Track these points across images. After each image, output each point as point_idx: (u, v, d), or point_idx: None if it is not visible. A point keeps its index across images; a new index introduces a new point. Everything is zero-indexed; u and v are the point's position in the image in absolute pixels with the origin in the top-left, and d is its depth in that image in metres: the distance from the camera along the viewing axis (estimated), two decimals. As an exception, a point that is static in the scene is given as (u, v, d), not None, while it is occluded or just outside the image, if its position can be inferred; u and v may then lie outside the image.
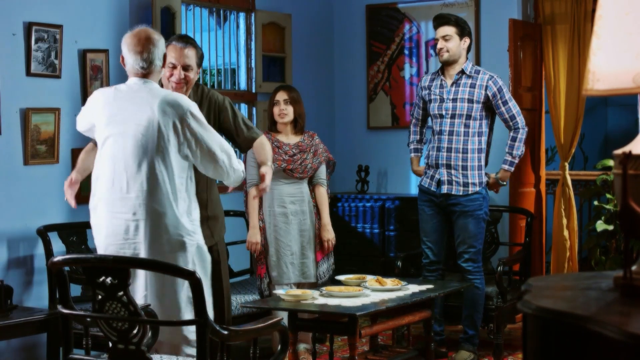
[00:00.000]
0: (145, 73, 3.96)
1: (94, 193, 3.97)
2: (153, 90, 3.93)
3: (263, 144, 4.53)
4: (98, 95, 4.02)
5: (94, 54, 5.47)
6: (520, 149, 5.63)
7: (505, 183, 5.76)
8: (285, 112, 5.45)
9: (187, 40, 4.45)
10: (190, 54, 4.38)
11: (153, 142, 3.85)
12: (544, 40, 6.88)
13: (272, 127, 5.55)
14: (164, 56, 4.03)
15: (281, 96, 5.47)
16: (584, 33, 6.67)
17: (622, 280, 2.12)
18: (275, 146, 5.42)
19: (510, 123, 5.62)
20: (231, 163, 4.00)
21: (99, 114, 3.96)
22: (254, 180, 5.32)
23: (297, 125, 5.52)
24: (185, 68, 4.35)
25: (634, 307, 2.00)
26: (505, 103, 5.59)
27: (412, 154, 5.95)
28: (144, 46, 3.93)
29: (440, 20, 5.61)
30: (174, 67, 4.35)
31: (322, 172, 5.60)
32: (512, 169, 5.66)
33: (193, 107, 3.96)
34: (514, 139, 5.62)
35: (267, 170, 4.35)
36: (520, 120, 5.62)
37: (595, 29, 2.16)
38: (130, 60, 3.96)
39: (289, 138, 5.52)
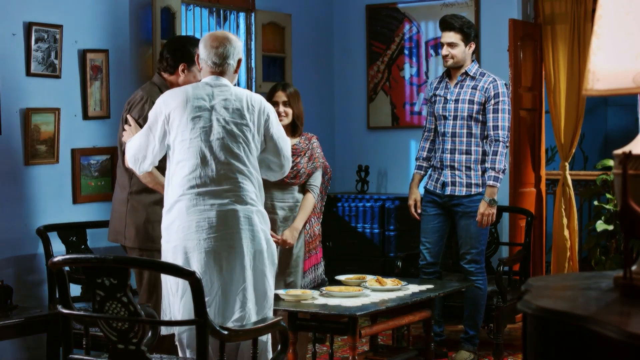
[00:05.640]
0: (219, 71, 4.05)
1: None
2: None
3: None
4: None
5: (94, 54, 5.46)
6: (502, 162, 5.44)
7: (495, 203, 5.47)
8: (283, 114, 5.03)
9: None
10: None
11: None
12: (544, 40, 6.88)
13: None
14: (238, 61, 4.11)
15: (280, 97, 5.04)
16: (584, 33, 6.67)
17: (622, 280, 2.12)
18: None
19: (492, 133, 5.45)
20: None
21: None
22: None
23: (296, 128, 5.08)
24: None
25: (634, 307, 2.00)
26: (496, 111, 5.46)
27: (415, 170, 5.82)
28: (221, 42, 4.03)
29: (445, 26, 5.53)
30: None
31: (316, 178, 5.12)
32: (498, 184, 5.46)
33: None
34: (494, 153, 5.44)
35: None
36: (503, 135, 5.44)
37: (595, 29, 2.16)
38: (204, 56, 4.04)
39: None
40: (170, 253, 3.93)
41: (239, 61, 4.10)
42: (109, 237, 4.71)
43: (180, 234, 3.89)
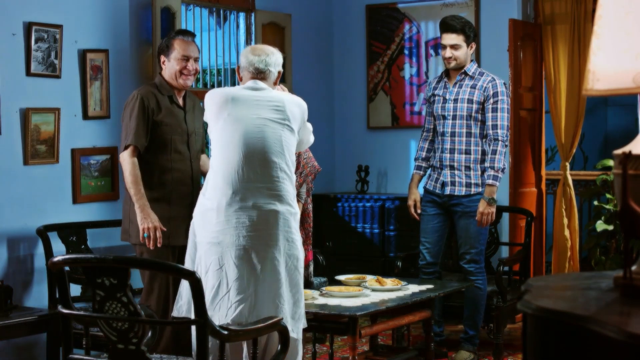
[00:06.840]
0: (260, 77, 4.17)
1: None
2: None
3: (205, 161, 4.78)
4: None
5: (94, 54, 5.46)
6: (501, 162, 5.43)
7: (494, 202, 5.46)
8: None
9: (193, 35, 4.80)
10: (196, 48, 4.76)
11: None
12: (544, 40, 6.88)
13: None
14: (279, 73, 4.24)
15: None
16: (584, 33, 6.66)
17: (622, 280, 2.12)
18: None
19: (491, 132, 5.44)
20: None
21: None
22: None
23: None
24: (195, 60, 4.69)
25: (634, 307, 2.00)
26: (495, 110, 5.45)
27: (414, 171, 5.82)
28: (262, 51, 4.19)
29: (447, 28, 5.51)
30: (188, 59, 4.65)
31: (303, 185, 5.03)
32: (497, 183, 5.45)
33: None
34: (494, 152, 5.43)
35: None
36: (502, 134, 5.43)
37: (595, 29, 2.16)
38: (245, 64, 4.18)
39: None
40: (204, 245, 4.02)
41: (279, 73, 4.25)
42: (121, 236, 4.76)
43: (218, 227, 3.97)
